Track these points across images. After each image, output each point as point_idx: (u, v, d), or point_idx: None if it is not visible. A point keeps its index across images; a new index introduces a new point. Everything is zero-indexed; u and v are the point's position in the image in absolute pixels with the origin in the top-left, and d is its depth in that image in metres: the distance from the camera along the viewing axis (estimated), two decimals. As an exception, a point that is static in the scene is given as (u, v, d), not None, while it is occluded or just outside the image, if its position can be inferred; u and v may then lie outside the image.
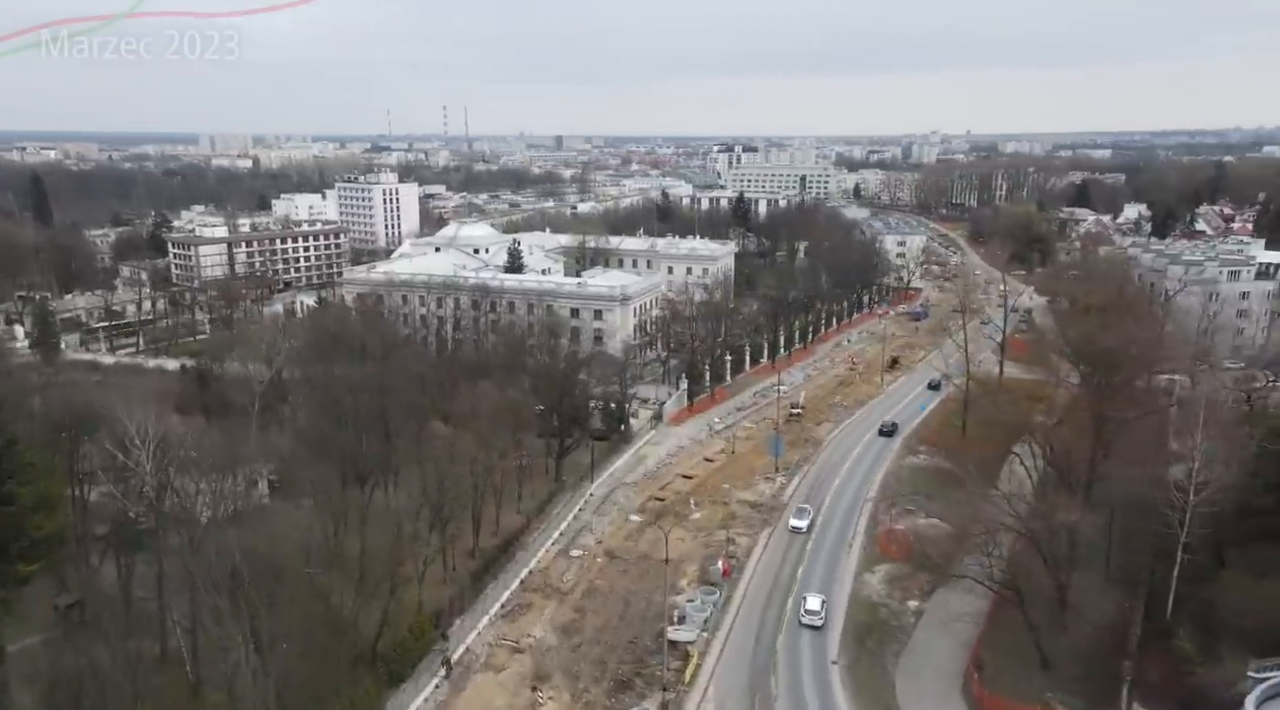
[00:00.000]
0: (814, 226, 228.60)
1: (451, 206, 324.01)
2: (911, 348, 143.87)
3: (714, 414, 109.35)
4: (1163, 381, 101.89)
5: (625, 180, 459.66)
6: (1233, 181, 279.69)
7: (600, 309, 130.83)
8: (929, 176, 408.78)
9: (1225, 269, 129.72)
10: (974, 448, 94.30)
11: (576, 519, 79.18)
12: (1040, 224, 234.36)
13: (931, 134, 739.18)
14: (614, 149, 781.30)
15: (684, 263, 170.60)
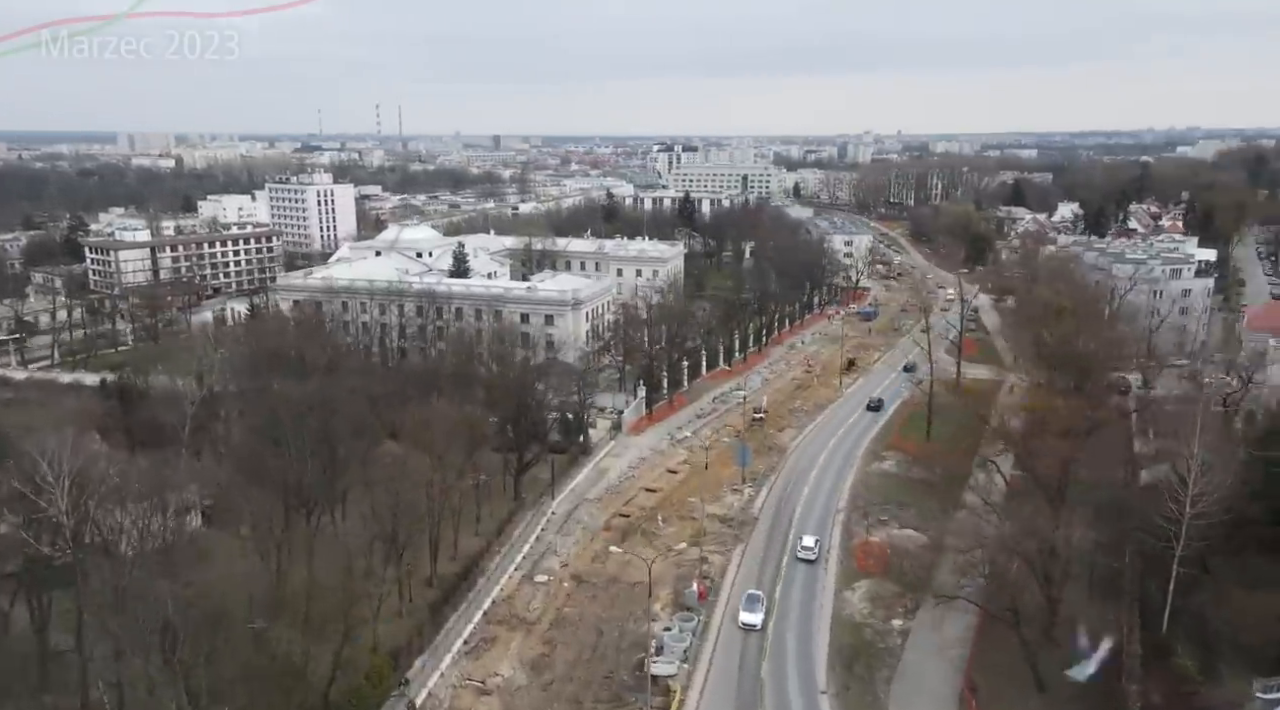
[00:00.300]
0: (760, 226, 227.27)
1: (389, 208, 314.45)
2: (865, 348, 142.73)
3: (674, 422, 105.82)
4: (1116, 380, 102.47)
5: (566, 180, 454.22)
6: (1156, 181, 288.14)
7: (551, 314, 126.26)
8: (866, 176, 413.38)
9: (1167, 267, 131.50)
10: (940, 452, 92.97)
11: (539, 540, 74.69)
12: (979, 223, 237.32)
13: (865, 134, 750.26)
14: (552, 149, 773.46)
15: (633, 265, 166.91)
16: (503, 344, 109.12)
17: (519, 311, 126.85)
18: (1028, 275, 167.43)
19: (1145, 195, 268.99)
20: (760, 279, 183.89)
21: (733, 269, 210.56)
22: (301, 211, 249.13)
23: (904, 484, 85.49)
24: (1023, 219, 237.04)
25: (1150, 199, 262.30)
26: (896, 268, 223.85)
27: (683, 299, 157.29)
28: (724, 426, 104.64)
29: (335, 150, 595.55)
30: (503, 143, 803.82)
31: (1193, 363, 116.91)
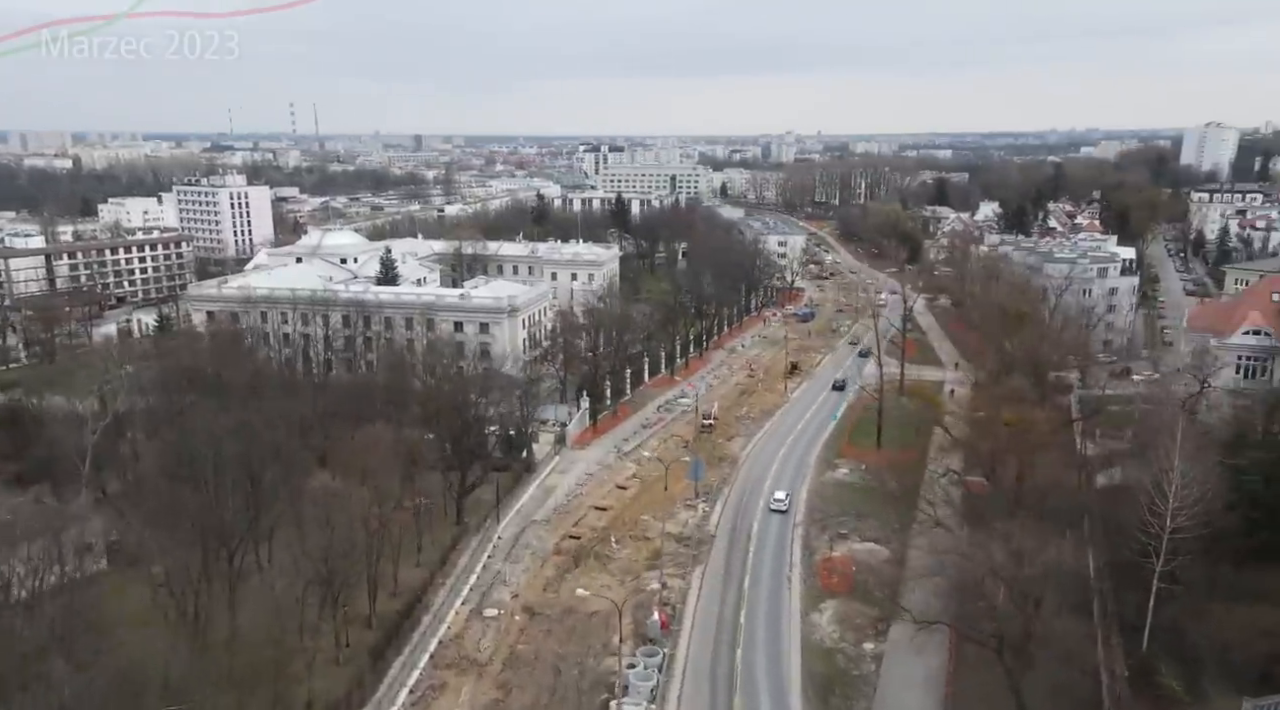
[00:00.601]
0: (693, 227, 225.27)
1: (308, 211, 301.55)
2: (806, 350, 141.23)
3: (620, 433, 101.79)
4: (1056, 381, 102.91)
5: (492, 181, 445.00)
6: (1069, 180, 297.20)
7: (487, 322, 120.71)
8: (792, 176, 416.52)
9: (1095, 266, 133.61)
10: (891, 458, 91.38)
11: (486, 569, 69.75)
12: (906, 222, 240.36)
13: (787, 134, 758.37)
14: (476, 149, 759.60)
15: (568, 268, 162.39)
16: (437, 355, 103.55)
17: (452, 320, 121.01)
18: (960, 275, 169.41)
19: (1060, 194, 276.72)
20: (696, 281, 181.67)
21: (667, 271, 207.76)
22: (214, 215, 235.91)
23: (860, 493, 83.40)
24: (947, 218, 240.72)
25: (1065, 198, 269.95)
26: (828, 268, 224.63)
27: (621, 303, 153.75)
28: (671, 436, 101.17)
29: (248, 150, 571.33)
30: (425, 143, 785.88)
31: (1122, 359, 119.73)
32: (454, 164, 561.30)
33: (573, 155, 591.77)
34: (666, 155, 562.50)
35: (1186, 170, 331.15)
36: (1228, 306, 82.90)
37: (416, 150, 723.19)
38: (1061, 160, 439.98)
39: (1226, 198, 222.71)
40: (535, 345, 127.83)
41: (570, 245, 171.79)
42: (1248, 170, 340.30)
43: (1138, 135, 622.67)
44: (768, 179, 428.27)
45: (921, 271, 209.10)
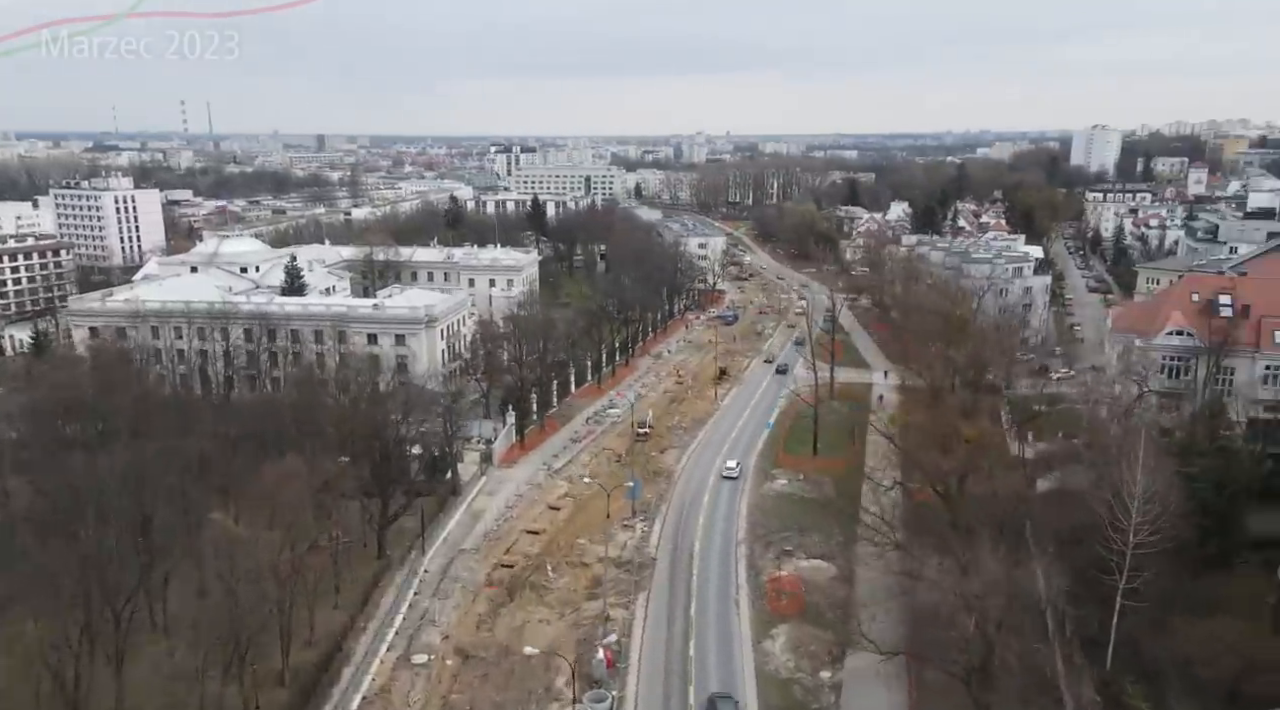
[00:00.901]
0: (612, 229, 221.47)
1: (203, 215, 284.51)
2: (732, 354, 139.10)
3: (548, 448, 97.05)
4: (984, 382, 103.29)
5: (401, 182, 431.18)
6: (972, 180, 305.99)
7: (403, 334, 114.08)
8: (705, 176, 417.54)
9: (1011, 266, 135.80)
10: (828, 466, 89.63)
11: (413, 607, 64.15)
12: (822, 223, 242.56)
13: (697, 134, 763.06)
14: (382, 150, 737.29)
15: (486, 274, 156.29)
16: (351, 371, 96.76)
17: (366, 332, 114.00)
18: (878, 275, 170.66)
19: (964, 194, 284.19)
20: (618, 285, 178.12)
21: (587, 274, 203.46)
22: (97, 221, 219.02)
23: (800, 505, 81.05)
24: (861, 218, 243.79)
25: (969, 197, 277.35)
26: (748, 269, 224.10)
27: (544, 310, 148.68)
28: (603, 450, 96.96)
29: (135, 150, 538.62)
30: (328, 143, 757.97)
31: (1039, 357, 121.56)
32: (360, 165, 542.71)
33: (484, 156, 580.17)
34: (579, 156, 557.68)
35: (1078, 170, 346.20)
36: (1150, 307, 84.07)
37: (319, 151, 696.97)
38: (962, 161, 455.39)
39: (1118, 197, 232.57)
40: (455, 357, 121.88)
41: (488, 250, 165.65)
42: (1131, 170, 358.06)
43: (1027, 137, 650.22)
44: (681, 180, 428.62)
45: (840, 272, 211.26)
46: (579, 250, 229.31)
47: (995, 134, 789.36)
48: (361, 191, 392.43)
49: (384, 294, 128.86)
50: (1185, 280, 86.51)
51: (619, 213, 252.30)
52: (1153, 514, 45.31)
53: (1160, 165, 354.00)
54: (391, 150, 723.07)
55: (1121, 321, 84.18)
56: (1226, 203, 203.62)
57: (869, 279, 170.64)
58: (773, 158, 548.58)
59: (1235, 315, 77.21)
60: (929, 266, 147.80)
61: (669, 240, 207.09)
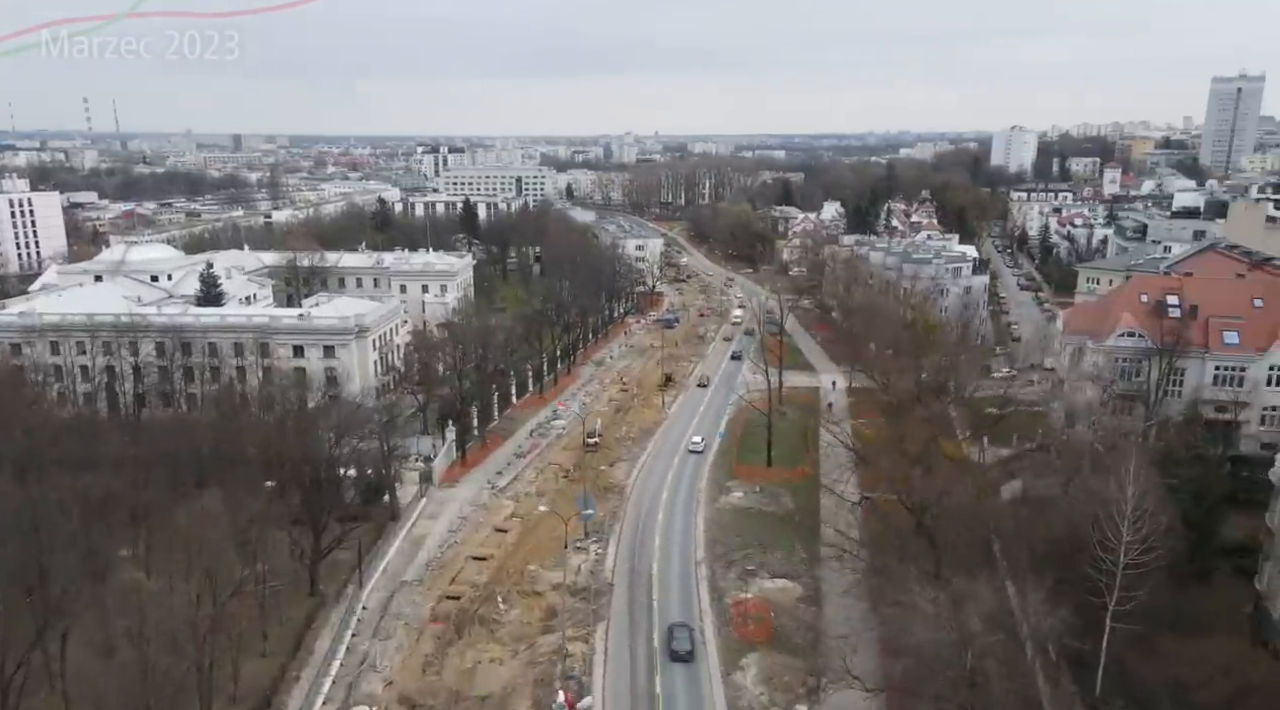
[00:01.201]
0: (546, 232, 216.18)
1: (110, 219, 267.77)
2: (675, 359, 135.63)
3: (491, 465, 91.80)
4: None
5: (323, 184, 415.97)
6: (901, 180, 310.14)
7: (332, 345, 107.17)
8: (637, 176, 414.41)
9: (950, 266, 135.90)
10: (784, 477, 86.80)
11: (351, 651, 58.48)
12: (757, 223, 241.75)
13: (626, 135, 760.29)
14: (303, 150, 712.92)
15: (419, 280, 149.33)
16: (276, 387, 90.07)
17: (291, 344, 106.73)
18: (816, 276, 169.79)
19: (893, 193, 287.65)
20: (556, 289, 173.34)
21: (521, 278, 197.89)
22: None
23: (758, 519, 77.87)
24: (796, 218, 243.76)
25: (898, 197, 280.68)
26: (685, 270, 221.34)
27: (480, 317, 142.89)
28: (548, 465, 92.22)
29: (34, 150, 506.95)
30: (245, 143, 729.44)
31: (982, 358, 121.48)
32: (280, 165, 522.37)
33: (410, 156, 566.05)
34: (508, 156, 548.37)
35: (998, 170, 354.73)
36: (1100, 309, 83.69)
37: (236, 151, 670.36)
38: (889, 161, 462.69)
39: (1041, 196, 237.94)
40: (389, 369, 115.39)
41: (420, 254, 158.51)
42: (1047, 169, 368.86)
43: (946, 137, 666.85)
44: (613, 180, 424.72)
45: (778, 272, 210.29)
46: (513, 253, 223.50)
47: (915, 135, 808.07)
48: (282, 193, 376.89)
49: (310, 303, 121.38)
50: (1133, 281, 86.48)
51: (554, 214, 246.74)
52: (1143, 532, 43.17)
53: (1075, 165, 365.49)
54: (313, 150, 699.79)
55: (1073, 323, 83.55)
56: (1143, 202, 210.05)
57: (810, 280, 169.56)
58: (702, 158, 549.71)
59: (1184, 316, 77.13)
60: (870, 267, 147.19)
61: (606, 242, 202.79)
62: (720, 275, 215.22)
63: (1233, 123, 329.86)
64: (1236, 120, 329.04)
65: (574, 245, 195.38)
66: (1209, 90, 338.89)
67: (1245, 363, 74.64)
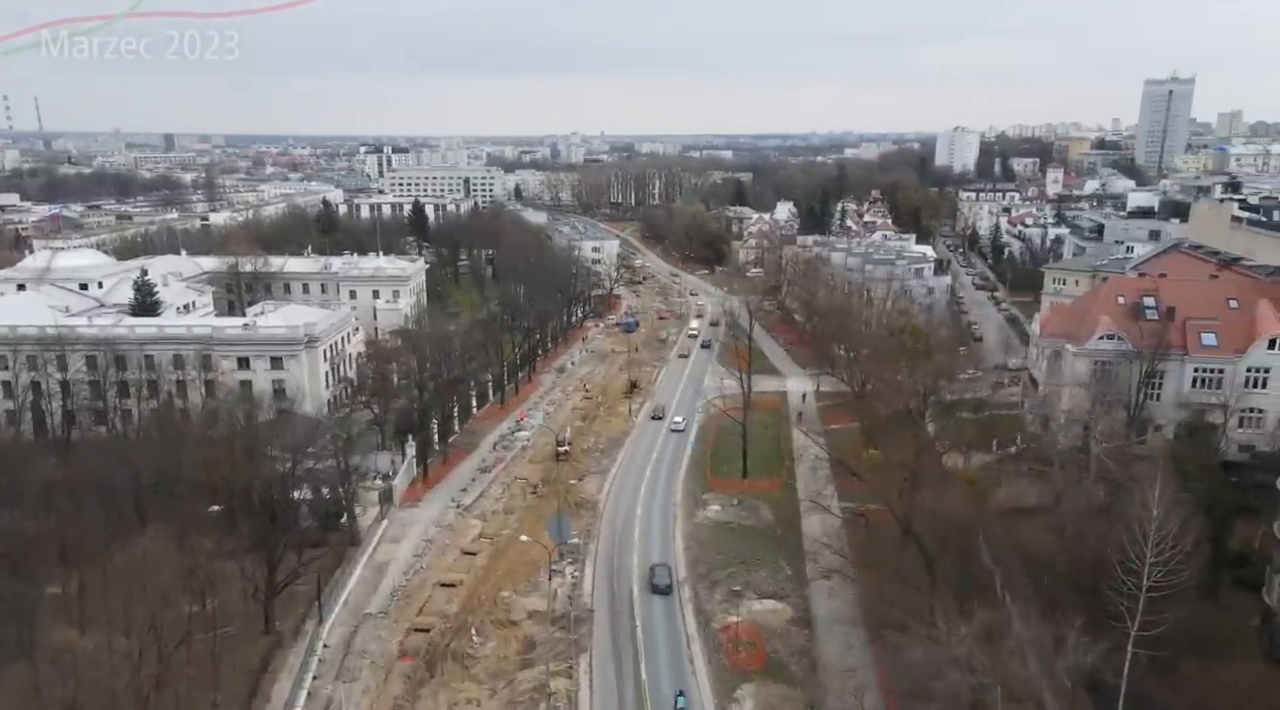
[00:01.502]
0: (499, 234, 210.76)
1: (33, 222, 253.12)
2: (638, 364, 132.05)
3: (455, 482, 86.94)
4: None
5: (262, 185, 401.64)
6: (851, 180, 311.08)
7: (280, 356, 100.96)
8: (586, 176, 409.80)
9: (912, 266, 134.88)
10: (760, 488, 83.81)
11: (313, 697, 53.38)
12: (712, 223, 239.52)
13: (573, 135, 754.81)
14: (240, 149, 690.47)
15: (369, 286, 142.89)
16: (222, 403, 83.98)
17: (235, 356, 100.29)
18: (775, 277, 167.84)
19: (844, 193, 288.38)
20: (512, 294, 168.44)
21: (475, 282, 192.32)
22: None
23: (738, 534, 74.62)
24: (750, 218, 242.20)
25: (849, 197, 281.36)
26: (641, 271, 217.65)
27: (436, 323, 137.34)
28: (515, 480, 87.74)
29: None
30: (178, 142, 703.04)
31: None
32: (216, 165, 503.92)
33: (352, 156, 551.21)
34: (454, 156, 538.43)
35: (944, 170, 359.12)
36: (1076, 311, 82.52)
37: (169, 150, 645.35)
38: (839, 161, 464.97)
39: (989, 196, 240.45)
40: (341, 381, 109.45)
41: (370, 258, 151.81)
42: (989, 169, 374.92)
43: (888, 137, 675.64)
44: (562, 180, 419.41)
45: (734, 273, 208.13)
46: (464, 256, 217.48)
47: (859, 135, 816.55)
48: (219, 194, 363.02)
49: (255, 311, 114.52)
50: (1110, 282, 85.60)
51: (506, 216, 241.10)
52: (1166, 553, 40.92)
53: (1016, 165, 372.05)
54: (250, 150, 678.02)
55: (1051, 326, 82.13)
56: (1089, 201, 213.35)
57: (769, 281, 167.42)
58: (650, 158, 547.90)
59: (1161, 318, 76.26)
60: (830, 269, 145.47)
61: (562, 244, 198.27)
62: (680, 277, 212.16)
63: (1165, 124, 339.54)
64: (1169, 122, 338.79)
65: (528, 248, 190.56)
66: (1142, 93, 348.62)
67: (1224, 364, 74.04)
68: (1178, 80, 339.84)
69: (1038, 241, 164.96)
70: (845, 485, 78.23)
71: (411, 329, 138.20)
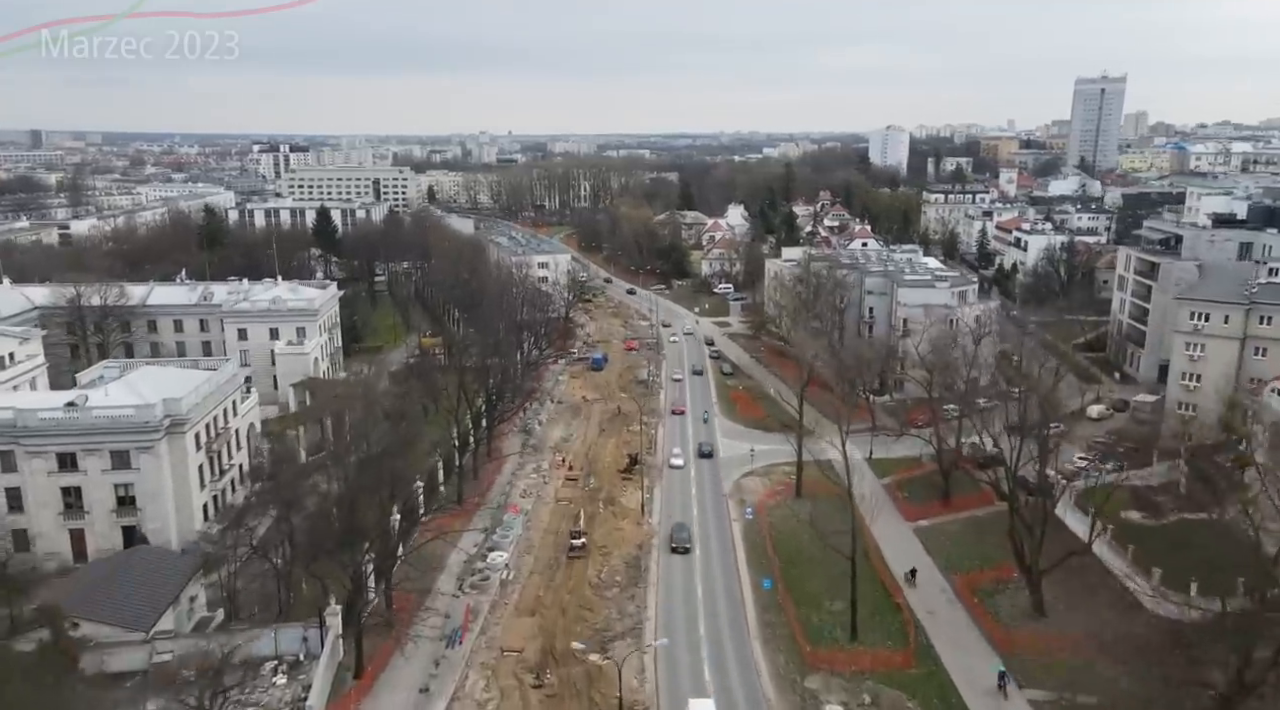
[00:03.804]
0: (423, 246, 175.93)
1: None
2: (622, 418, 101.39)
3: (408, 670, 53.71)
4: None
5: (140, 187, 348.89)
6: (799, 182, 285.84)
7: (127, 449, 66.00)
8: (505, 178, 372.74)
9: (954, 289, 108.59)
10: (882, 662, 53.91)
11: None
12: (661, 228, 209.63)
13: (480, 134, 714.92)
14: (119, 148, 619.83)
15: (264, 322, 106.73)
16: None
17: (55, 452, 65.04)
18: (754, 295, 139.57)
19: (791, 195, 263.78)
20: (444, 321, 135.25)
21: (394, 305, 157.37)
22: None
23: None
24: (704, 225, 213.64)
25: (799, 199, 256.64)
26: (589, 288, 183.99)
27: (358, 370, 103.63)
28: (502, 655, 55.23)
29: None
30: (47, 140, 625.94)
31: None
32: (87, 165, 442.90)
33: (245, 156, 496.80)
34: (358, 155, 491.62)
35: (892, 170, 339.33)
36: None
37: (33, 148, 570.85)
38: (741, 159, 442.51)
39: (959, 198, 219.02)
40: (223, 472, 74.97)
41: (266, 285, 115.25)
42: (922, 169, 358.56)
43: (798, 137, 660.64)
44: (479, 181, 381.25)
45: (698, 288, 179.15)
46: (381, 270, 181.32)
47: (766, 134, 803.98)
48: (86, 198, 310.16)
49: (89, 377, 77.63)
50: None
51: (431, 224, 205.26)
52: None
53: (948, 165, 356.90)
54: (130, 148, 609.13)
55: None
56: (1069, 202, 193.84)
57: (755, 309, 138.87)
58: (567, 157, 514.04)
59: None
60: (844, 291, 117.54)
61: (504, 259, 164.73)
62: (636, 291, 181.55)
63: (1098, 122, 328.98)
64: (1101, 120, 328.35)
65: (462, 262, 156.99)
66: (1073, 91, 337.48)
67: None
68: (1109, 79, 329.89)
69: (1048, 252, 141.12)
70: (1004, 638, 50.01)
71: (324, 380, 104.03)
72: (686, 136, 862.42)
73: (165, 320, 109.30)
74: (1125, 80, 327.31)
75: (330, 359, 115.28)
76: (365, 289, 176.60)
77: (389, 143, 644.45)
